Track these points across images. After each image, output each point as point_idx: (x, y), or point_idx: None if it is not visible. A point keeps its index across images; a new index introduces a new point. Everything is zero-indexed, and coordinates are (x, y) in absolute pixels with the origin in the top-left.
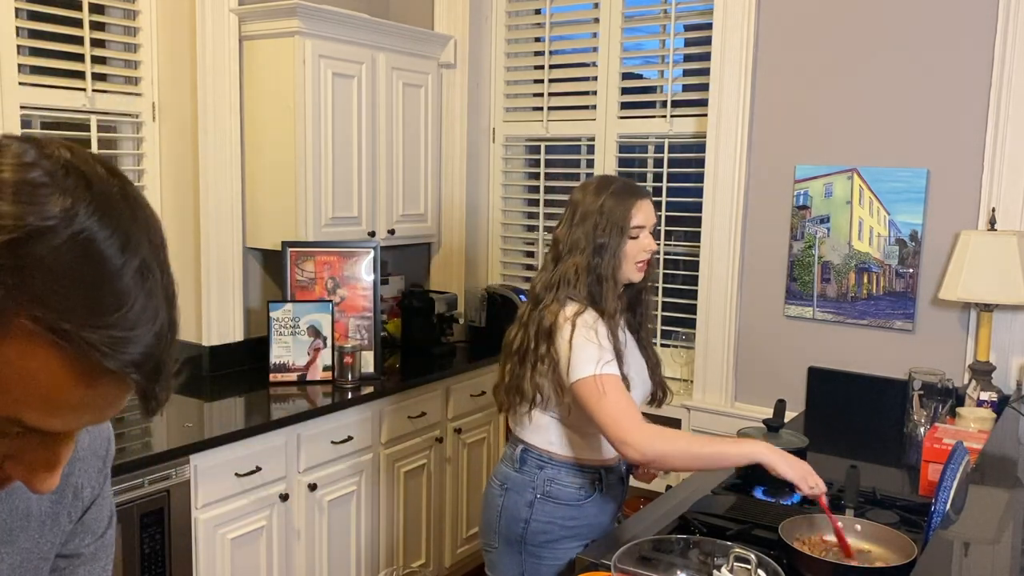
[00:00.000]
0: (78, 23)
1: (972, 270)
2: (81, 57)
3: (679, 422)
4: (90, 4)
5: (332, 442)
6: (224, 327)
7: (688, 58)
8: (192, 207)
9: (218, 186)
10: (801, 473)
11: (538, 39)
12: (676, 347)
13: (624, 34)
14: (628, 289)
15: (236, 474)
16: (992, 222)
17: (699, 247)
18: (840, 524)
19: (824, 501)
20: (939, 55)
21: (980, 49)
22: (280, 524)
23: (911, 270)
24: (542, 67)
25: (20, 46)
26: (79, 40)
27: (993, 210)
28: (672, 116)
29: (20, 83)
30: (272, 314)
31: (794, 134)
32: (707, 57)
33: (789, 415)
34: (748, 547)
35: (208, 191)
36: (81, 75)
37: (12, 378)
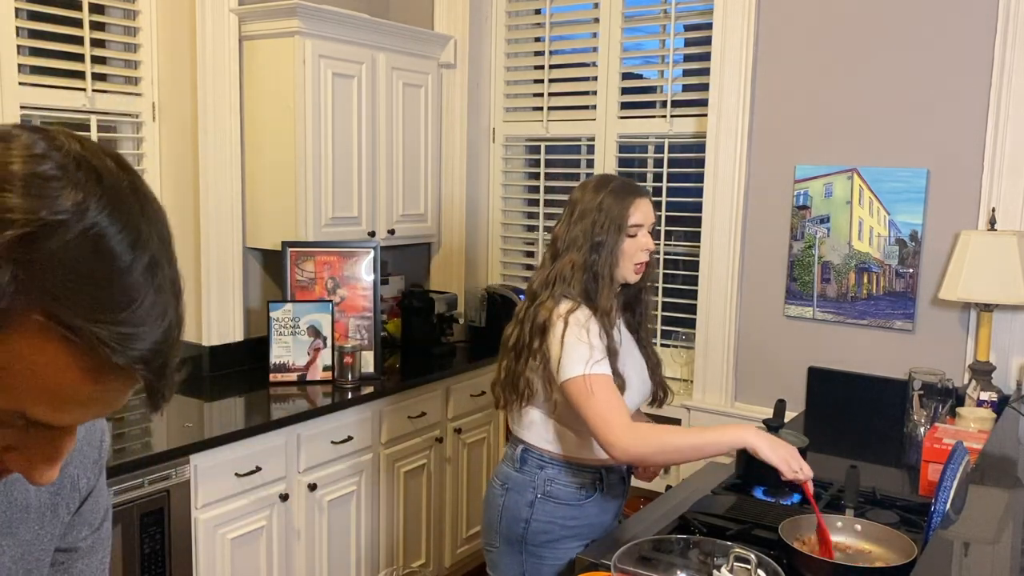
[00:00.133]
0: (78, 23)
1: (972, 270)
2: (81, 57)
3: (679, 422)
4: (90, 4)
5: (332, 442)
6: (224, 327)
7: (688, 58)
8: (192, 207)
9: (218, 186)
10: (783, 456)
11: (538, 39)
12: (676, 347)
13: (624, 34)
14: (627, 289)
15: (236, 474)
16: (992, 222)
17: (699, 247)
18: (823, 516)
19: (809, 488)
20: (939, 55)
21: (980, 49)
22: (280, 524)
23: (911, 270)
24: (542, 67)
25: (20, 46)
26: (79, 40)
27: (993, 210)
28: (672, 116)
29: (20, 83)
30: (272, 314)
31: (794, 134)
32: (707, 57)
33: (789, 415)
34: (748, 547)
35: (208, 191)
36: (81, 75)
37: (21, 372)
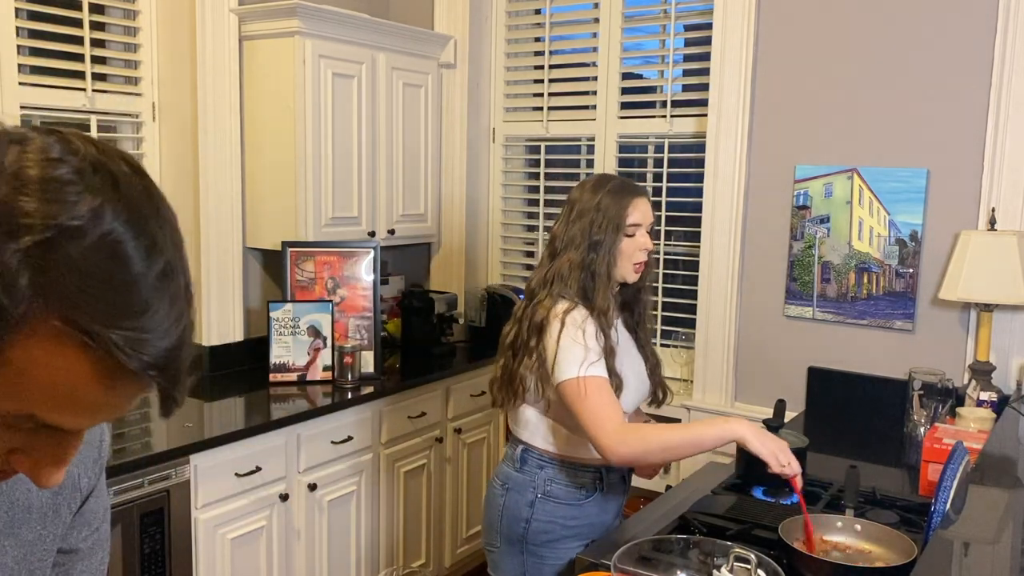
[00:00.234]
0: (78, 23)
1: (972, 270)
2: (81, 57)
3: (679, 422)
4: (90, 4)
5: (332, 442)
6: (224, 327)
7: (688, 58)
8: (192, 207)
9: (218, 186)
10: (772, 449)
11: (538, 39)
12: (676, 347)
13: (624, 34)
14: (625, 289)
15: (236, 474)
16: (992, 222)
17: (699, 247)
18: (810, 515)
19: (798, 483)
20: (939, 55)
21: (980, 49)
22: (280, 524)
23: (911, 270)
24: (542, 67)
25: (20, 46)
26: (79, 40)
27: (993, 210)
28: (672, 116)
29: (20, 83)
30: (272, 314)
31: (794, 134)
32: (707, 57)
33: (789, 415)
34: (748, 547)
35: (208, 191)
36: (81, 75)
37: (35, 376)
